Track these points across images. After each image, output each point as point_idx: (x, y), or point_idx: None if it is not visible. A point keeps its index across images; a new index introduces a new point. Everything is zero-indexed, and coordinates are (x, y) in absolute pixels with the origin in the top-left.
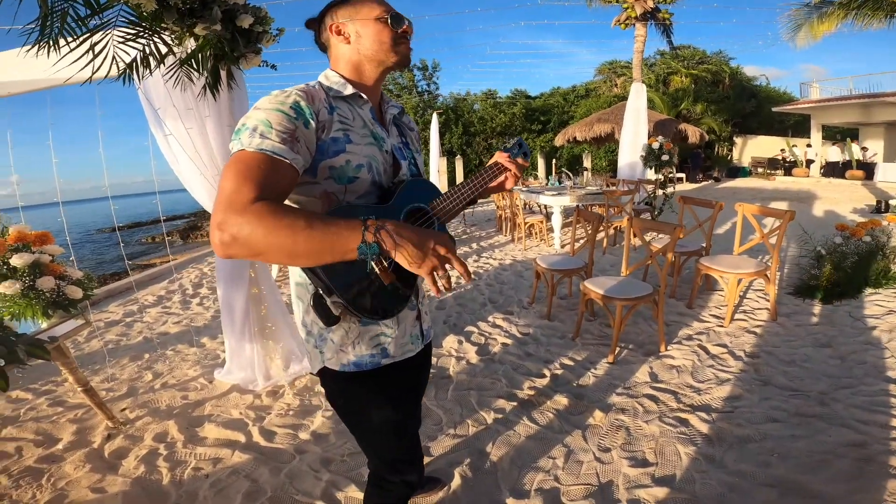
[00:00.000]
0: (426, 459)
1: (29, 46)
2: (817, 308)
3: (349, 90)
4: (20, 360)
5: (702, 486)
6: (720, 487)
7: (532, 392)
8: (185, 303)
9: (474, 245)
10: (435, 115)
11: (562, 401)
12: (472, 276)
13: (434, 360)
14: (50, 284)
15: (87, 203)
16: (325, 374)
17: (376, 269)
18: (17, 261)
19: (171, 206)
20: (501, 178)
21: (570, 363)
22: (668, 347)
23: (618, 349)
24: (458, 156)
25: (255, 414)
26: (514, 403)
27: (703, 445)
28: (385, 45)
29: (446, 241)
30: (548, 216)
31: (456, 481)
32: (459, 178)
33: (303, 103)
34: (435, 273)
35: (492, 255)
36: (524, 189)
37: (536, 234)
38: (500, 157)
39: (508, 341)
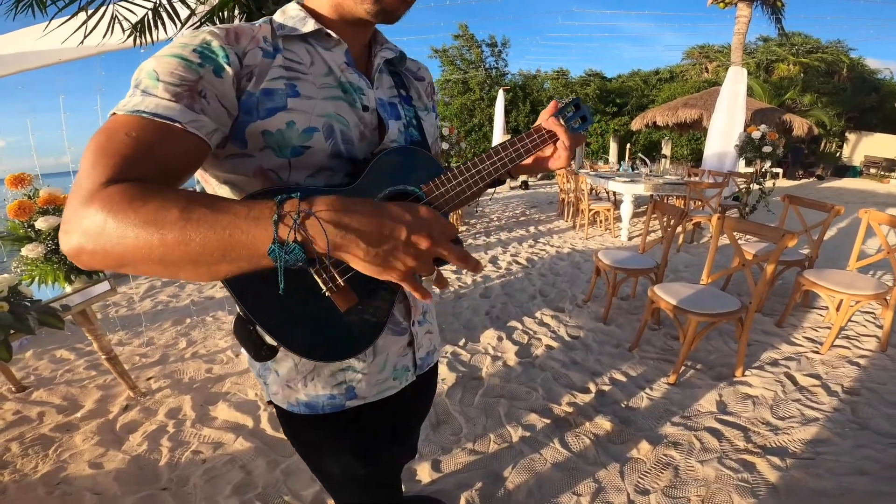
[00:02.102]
0: (431, 476)
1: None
2: None
3: (310, 26)
4: (29, 328)
5: None
6: None
7: (571, 409)
8: None
9: (531, 229)
10: (501, 92)
11: (603, 424)
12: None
13: (467, 356)
14: None
15: None
16: (275, 406)
17: (322, 288)
18: (42, 223)
19: None
20: (546, 150)
21: (622, 379)
22: (747, 373)
23: (683, 368)
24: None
25: None
26: (548, 421)
27: (767, 498)
28: None
29: (430, 223)
30: (616, 204)
31: None
32: None
33: (215, 43)
34: (413, 276)
35: (549, 241)
36: (592, 173)
37: (601, 222)
38: (547, 122)
39: (554, 344)
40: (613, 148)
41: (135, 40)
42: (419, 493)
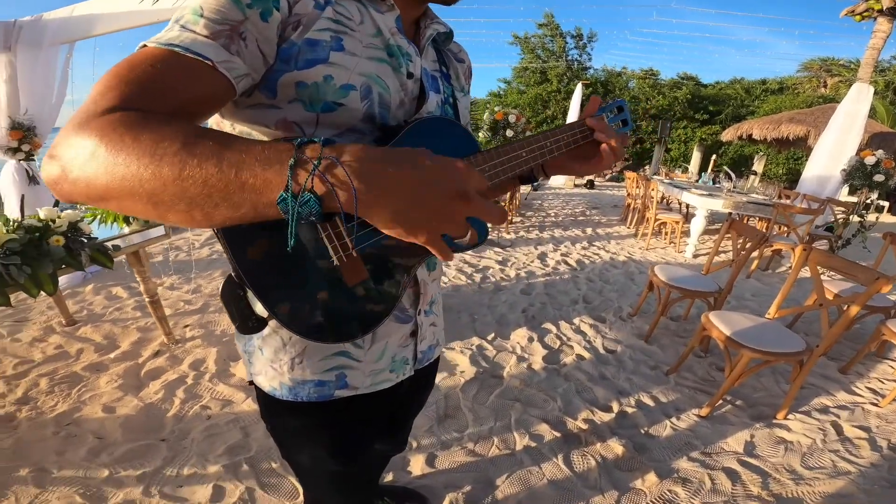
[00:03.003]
0: (423, 470)
1: None
2: None
3: None
4: (80, 265)
5: None
6: None
7: (585, 427)
8: None
9: (588, 230)
10: (580, 86)
11: (615, 448)
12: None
13: (493, 352)
14: None
15: None
16: (256, 388)
17: (332, 256)
18: None
19: None
20: (587, 150)
21: (650, 403)
22: (790, 416)
23: (720, 403)
24: None
25: None
26: (558, 434)
27: None
28: None
29: (470, 179)
30: (687, 217)
31: None
32: None
33: None
34: (440, 238)
35: (605, 246)
36: (666, 181)
37: (667, 234)
38: (590, 120)
39: (586, 354)
40: (696, 157)
41: None
42: (406, 485)
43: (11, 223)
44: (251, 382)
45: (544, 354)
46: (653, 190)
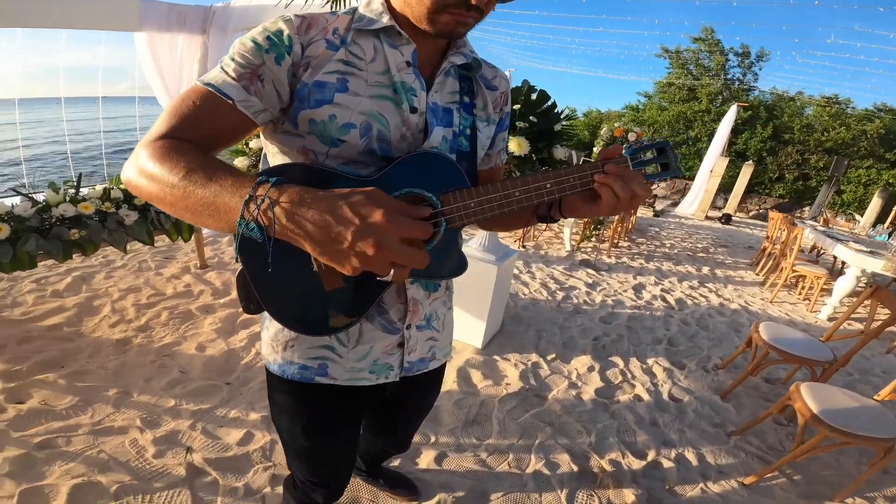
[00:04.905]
0: (429, 466)
1: None
2: None
3: (383, 22)
4: (150, 241)
5: None
6: None
7: (610, 469)
8: None
9: (705, 269)
10: (734, 108)
11: (627, 496)
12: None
13: (546, 373)
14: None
15: None
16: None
17: (313, 264)
18: (254, 143)
19: None
20: (600, 193)
21: (693, 461)
22: (849, 499)
23: (771, 475)
24: (751, 161)
25: None
26: (575, 468)
27: None
28: (423, 4)
29: (381, 229)
30: (833, 273)
31: None
32: (741, 187)
33: (287, 32)
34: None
35: (718, 290)
36: (819, 227)
37: (803, 290)
38: (609, 164)
39: (646, 396)
40: (875, 205)
41: (332, 6)
42: (405, 473)
43: None
44: (259, 353)
45: (599, 387)
46: (796, 234)
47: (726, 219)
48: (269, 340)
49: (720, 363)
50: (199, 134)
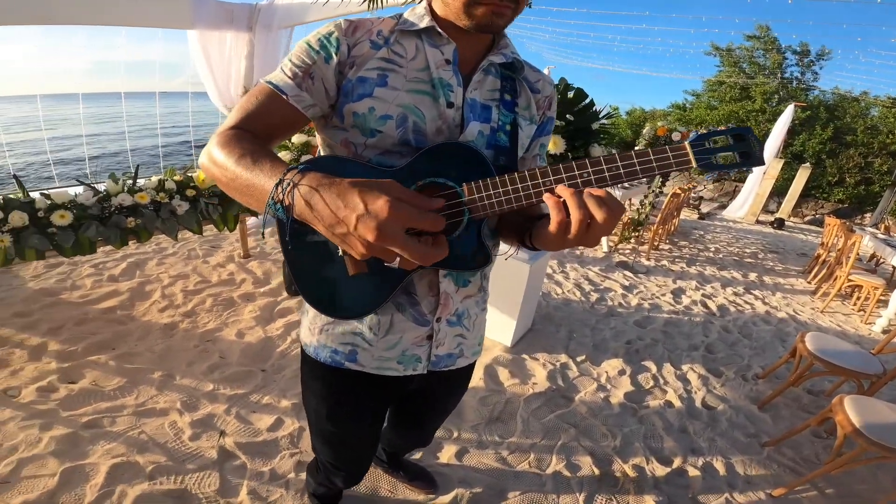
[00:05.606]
0: (449, 460)
1: None
2: None
3: (425, 23)
4: (254, 212)
5: None
6: None
7: (632, 474)
8: None
9: (752, 276)
10: (791, 107)
11: (648, 503)
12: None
13: (575, 374)
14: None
15: None
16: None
17: (340, 251)
18: (296, 138)
19: None
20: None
21: (720, 470)
22: None
23: (802, 487)
24: (808, 164)
25: None
26: (597, 471)
27: None
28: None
29: (382, 217)
30: (891, 284)
31: (443, 500)
32: (796, 190)
33: (335, 35)
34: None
35: (765, 297)
36: (880, 235)
37: (858, 300)
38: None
39: (677, 403)
40: None
41: (369, 5)
42: (425, 466)
43: None
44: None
45: (629, 391)
46: (853, 242)
47: (779, 223)
48: (308, 324)
49: (761, 373)
50: (259, 125)
